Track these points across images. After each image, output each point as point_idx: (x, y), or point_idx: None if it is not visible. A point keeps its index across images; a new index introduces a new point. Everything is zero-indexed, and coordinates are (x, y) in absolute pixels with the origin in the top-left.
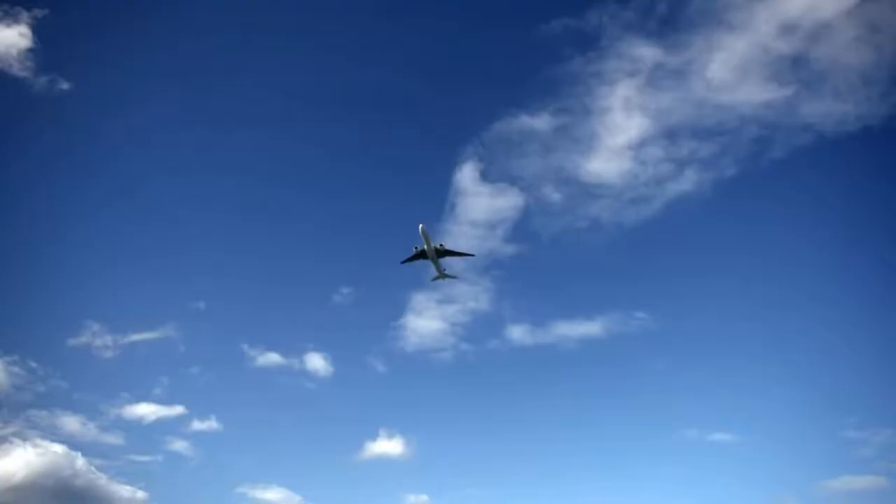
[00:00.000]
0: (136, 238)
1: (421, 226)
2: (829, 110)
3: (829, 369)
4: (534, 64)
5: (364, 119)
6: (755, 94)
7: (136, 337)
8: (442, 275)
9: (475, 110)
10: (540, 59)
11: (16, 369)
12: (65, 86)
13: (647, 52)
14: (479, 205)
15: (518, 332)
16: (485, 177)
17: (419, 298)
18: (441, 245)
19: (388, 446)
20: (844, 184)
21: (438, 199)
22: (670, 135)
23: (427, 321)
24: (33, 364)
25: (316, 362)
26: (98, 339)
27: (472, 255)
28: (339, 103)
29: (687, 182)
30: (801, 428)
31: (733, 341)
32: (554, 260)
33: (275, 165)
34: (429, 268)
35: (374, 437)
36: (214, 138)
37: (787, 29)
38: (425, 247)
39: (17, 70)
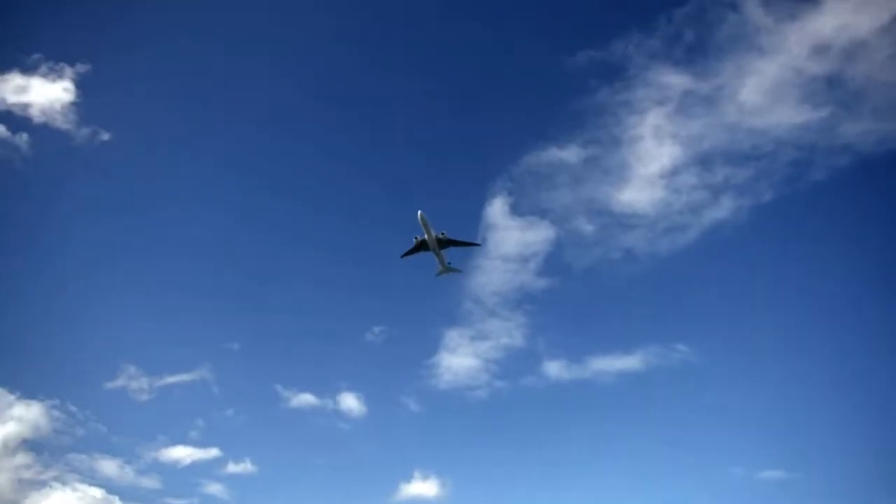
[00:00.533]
0: (170, 281)
1: (420, 213)
2: (869, 129)
3: (888, 399)
4: (560, 97)
5: (393, 159)
6: (790, 117)
7: (171, 379)
8: (446, 268)
9: (503, 145)
10: (566, 92)
11: (56, 413)
12: (105, 136)
13: (675, 80)
14: (509, 239)
15: (554, 368)
16: (515, 210)
17: (452, 335)
18: (443, 234)
19: (423, 488)
20: (890, 202)
21: (469, 234)
22: (703, 161)
23: (460, 358)
24: (73, 408)
25: (349, 402)
26: (134, 381)
27: (478, 245)
28: (372, 145)
29: (723, 209)
30: (860, 464)
31: (781, 372)
32: (588, 292)
33: (306, 206)
34: (432, 261)
35: (408, 478)
36: (252, 185)
37: (820, 50)
38: (425, 236)
39: (61, 123)
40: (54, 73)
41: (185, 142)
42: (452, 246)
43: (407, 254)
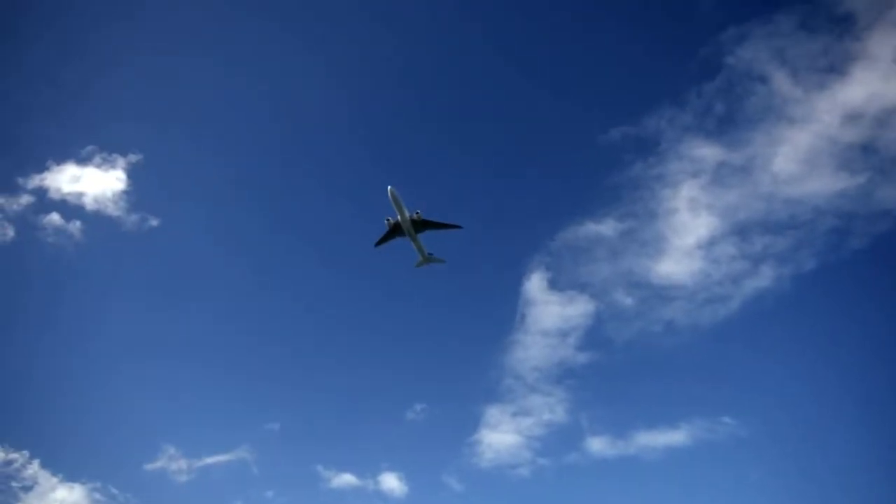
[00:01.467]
0: (210, 362)
1: (390, 189)
2: None
3: None
4: (595, 172)
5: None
6: (826, 185)
7: (210, 460)
8: (426, 258)
9: (539, 221)
10: (601, 167)
11: (98, 495)
12: (154, 222)
13: (708, 152)
14: (549, 313)
15: (598, 444)
16: (553, 285)
17: (493, 412)
18: (417, 214)
19: None
20: None
21: (508, 310)
22: (741, 231)
23: (502, 435)
24: (114, 490)
25: (391, 482)
26: (174, 463)
27: (459, 227)
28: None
29: (764, 278)
30: None
31: (835, 443)
32: (630, 366)
33: (346, 284)
34: (412, 249)
35: None
36: (293, 267)
37: (852, 118)
38: (398, 218)
39: (112, 210)
40: (108, 164)
41: (227, 226)
42: (430, 229)
43: (381, 241)
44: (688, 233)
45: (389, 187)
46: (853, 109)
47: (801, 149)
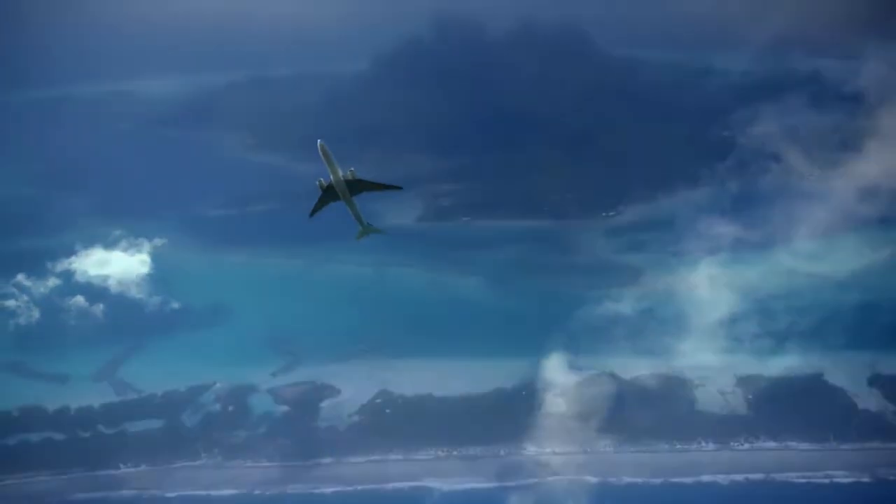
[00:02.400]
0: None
1: (319, 142)
2: None
3: None
4: (611, 251)
5: (449, 316)
6: (849, 261)
7: None
8: (365, 227)
9: (557, 302)
10: (617, 246)
11: None
12: (175, 305)
13: (724, 230)
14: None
15: None
16: (572, 365)
17: None
18: (352, 172)
19: None
20: None
21: (528, 391)
22: (764, 309)
23: None
24: None
25: None
26: None
27: (399, 188)
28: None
29: (791, 356)
30: None
31: None
32: None
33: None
34: (351, 218)
35: None
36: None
37: (869, 193)
38: (331, 178)
39: (135, 293)
40: (133, 248)
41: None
42: (367, 190)
43: (316, 209)
44: (710, 311)
45: (319, 141)
46: (869, 184)
47: (819, 225)
